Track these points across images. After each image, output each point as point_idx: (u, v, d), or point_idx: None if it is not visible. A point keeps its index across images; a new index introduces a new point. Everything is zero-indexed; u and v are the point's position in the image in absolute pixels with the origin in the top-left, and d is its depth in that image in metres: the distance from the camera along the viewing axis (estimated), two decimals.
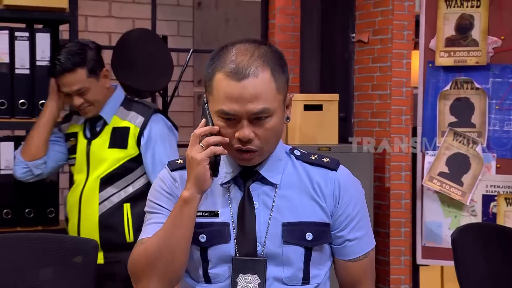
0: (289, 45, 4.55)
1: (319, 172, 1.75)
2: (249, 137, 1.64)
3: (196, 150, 1.66)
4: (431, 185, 3.36)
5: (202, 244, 1.72)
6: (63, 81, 2.72)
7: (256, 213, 1.71)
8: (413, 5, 4.20)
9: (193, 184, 1.67)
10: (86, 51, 2.73)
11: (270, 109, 1.64)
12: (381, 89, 4.27)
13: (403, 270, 4.17)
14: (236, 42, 1.69)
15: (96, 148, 2.79)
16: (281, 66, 1.68)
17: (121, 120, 2.79)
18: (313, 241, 1.72)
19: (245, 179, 1.73)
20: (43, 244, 2.41)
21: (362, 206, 1.79)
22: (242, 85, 1.61)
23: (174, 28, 5.52)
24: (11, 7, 3.09)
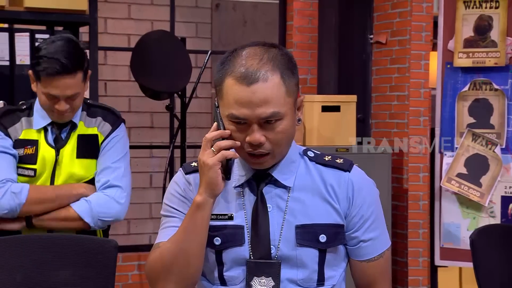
0: (307, 47, 4.55)
1: (332, 174, 1.76)
2: (259, 141, 1.64)
3: (208, 155, 1.68)
4: (449, 186, 3.35)
5: (217, 247, 1.73)
6: (55, 83, 2.35)
7: (269, 216, 1.72)
8: (431, 6, 4.19)
9: (205, 189, 1.68)
10: (83, 52, 2.43)
11: (280, 112, 1.64)
12: (399, 90, 4.26)
13: (421, 271, 4.16)
14: (246, 46, 1.70)
15: (64, 158, 2.46)
16: (291, 69, 1.68)
17: (87, 127, 2.50)
18: (327, 243, 1.72)
19: (258, 182, 1.74)
20: (63, 244, 2.41)
21: (376, 207, 1.78)
22: (251, 89, 1.62)
23: (192, 30, 5.54)
24: (32, 9, 3.12)
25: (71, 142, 2.46)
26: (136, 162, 5.35)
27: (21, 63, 3.07)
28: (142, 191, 5.35)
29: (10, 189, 2.37)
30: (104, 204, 2.44)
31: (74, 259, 2.42)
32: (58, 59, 2.32)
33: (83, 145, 2.47)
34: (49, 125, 2.45)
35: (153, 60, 3.92)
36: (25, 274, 2.37)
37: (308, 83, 4.57)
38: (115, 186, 2.46)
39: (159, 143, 5.25)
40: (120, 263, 4.46)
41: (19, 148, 2.44)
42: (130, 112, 5.34)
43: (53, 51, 2.34)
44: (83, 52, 2.42)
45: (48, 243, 2.41)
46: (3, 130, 2.43)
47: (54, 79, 2.34)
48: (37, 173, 2.45)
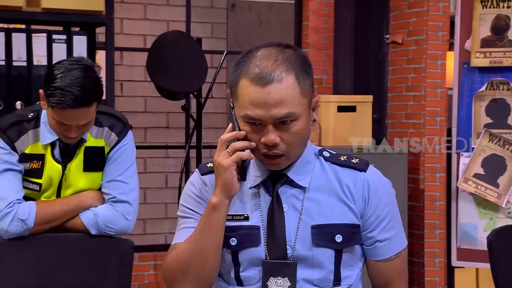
0: (323, 47, 4.55)
1: (348, 174, 1.76)
2: (274, 141, 1.65)
3: (223, 156, 1.68)
4: (466, 187, 3.34)
5: (233, 248, 1.74)
6: (68, 115, 2.28)
7: (285, 217, 1.72)
8: (448, 6, 4.18)
9: (221, 190, 1.69)
10: (98, 81, 2.34)
11: (295, 113, 1.65)
12: (416, 90, 4.25)
13: (438, 272, 4.15)
14: (261, 46, 1.70)
15: (71, 172, 2.42)
16: (306, 70, 1.68)
17: (94, 138, 2.45)
18: (343, 243, 1.72)
19: (274, 183, 1.74)
20: (79, 244, 2.43)
21: (392, 206, 1.78)
22: (266, 90, 1.63)
23: (208, 30, 5.55)
24: (49, 10, 3.14)
25: (79, 156, 2.42)
26: (151, 162, 5.37)
27: (38, 64, 3.08)
28: (157, 191, 5.36)
29: (17, 214, 2.34)
30: (111, 219, 2.43)
31: (91, 259, 2.43)
32: (73, 92, 2.24)
33: (90, 158, 2.43)
34: (57, 139, 2.40)
35: (169, 60, 3.93)
36: (41, 273, 2.39)
37: (323, 83, 4.57)
38: (123, 202, 2.44)
39: (174, 143, 5.26)
40: (136, 263, 4.48)
41: (25, 162, 2.39)
42: (146, 112, 5.36)
43: (69, 84, 2.25)
44: (98, 81, 2.33)
45: (64, 243, 2.42)
46: (9, 143, 2.38)
47: (67, 111, 2.27)
48: (42, 187, 2.42)
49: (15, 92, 3.08)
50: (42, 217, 2.36)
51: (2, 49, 3.05)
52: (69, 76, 2.26)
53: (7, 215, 2.33)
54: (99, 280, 2.45)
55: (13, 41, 3.07)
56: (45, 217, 2.37)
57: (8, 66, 3.07)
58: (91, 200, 2.43)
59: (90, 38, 3.21)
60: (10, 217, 2.33)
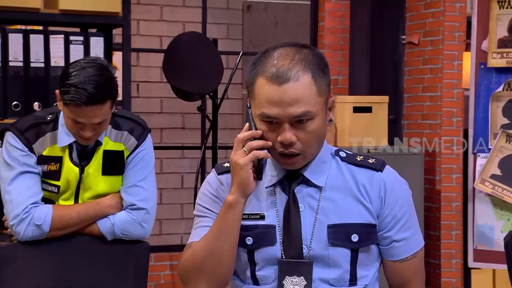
0: (339, 47, 4.54)
1: (364, 173, 1.76)
2: (290, 140, 1.65)
3: (240, 155, 1.69)
4: (483, 188, 3.32)
5: (248, 247, 1.74)
6: (82, 113, 2.30)
7: (301, 216, 1.72)
8: (464, 6, 4.16)
9: (237, 188, 1.70)
10: (113, 79, 2.35)
11: (311, 112, 1.65)
12: (432, 91, 4.23)
13: (454, 273, 4.13)
14: (278, 46, 1.71)
15: (89, 175, 2.44)
16: (322, 69, 1.69)
17: (113, 142, 2.46)
18: (359, 242, 1.72)
19: (290, 182, 1.74)
20: (95, 245, 2.44)
21: (409, 206, 1.78)
22: (283, 89, 1.63)
23: (223, 31, 5.56)
24: (66, 12, 3.16)
25: (96, 159, 2.43)
26: (167, 163, 5.39)
27: (55, 65, 3.10)
28: (173, 191, 5.38)
29: (33, 219, 2.35)
30: (128, 227, 2.44)
31: (107, 260, 2.45)
32: (86, 89, 2.27)
33: (109, 162, 2.44)
34: (74, 142, 2.41)
35: (185, 61, 3.94)
36: (58, 275, 2.41)
37: (339, 84, 4.56)
38: (141, 209, 2.45)
39: (190, 144, 5.28)
40: (152, 263, 4.49)
41: (42, 164, 2.41)
42: (162, 113, 5.38)
43: (83, 81, 2.27)
44: (113, 80, 2.35)
45: (81, 245, 2.44)
46: (27, 145, 2.39)
47: (81, 108, 2.29)
48: (60, 190, 2.43)
49: (33, 93, 3.10)
50: (57, 223, 2.38)
51: (20, 50, 3.08)
52: (83, 73, 2.29)
53: (23, 220, 2.35)
54: (115, 282, 2.46)
55: (31, 42, 3.09)
56: (60, 223, 2.39)
57: (26, 67, 3.09)
58: (110, 210, 2.44)
59: (107, 39, 3.23)
60: (27, 222, 2.35)
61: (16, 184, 2.38)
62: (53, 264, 2.40)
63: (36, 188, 2.40)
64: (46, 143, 2.41)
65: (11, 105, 3.07)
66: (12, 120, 2.76)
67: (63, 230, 2.40)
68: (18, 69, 3.08)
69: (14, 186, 2.38)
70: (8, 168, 2.39)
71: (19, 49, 3.07)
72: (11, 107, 3.07)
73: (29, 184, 2.39)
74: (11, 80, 3.07)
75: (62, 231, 2.40)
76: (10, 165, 2.39)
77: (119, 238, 2.45)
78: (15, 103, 3.08)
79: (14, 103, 3.08)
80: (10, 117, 3.05)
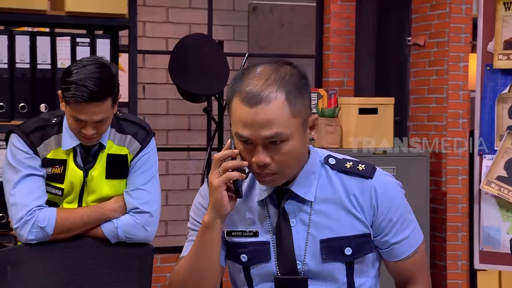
0: (344, 49, 4.55)
1: (355, 182, 1.74)
2: (264, 162, 1.64)
3: (215, 175, 1.69)
4: (488, 189, 3.32)
5: (244, 264, 1.74)
6: (83, 110, 2.31)
7: (293, 231, 1.72)
8: (470, 8, 4.16)
9: (212, 209, 1.70)
10: (114, 77, 2.37)
11: (284, 134, 1.62)
12: (438, 93, 4.23)
13: (460, 275, 4.13)
14: (259, 64, 1.69)
15: (93, 178, 2.45)
16: (300, 89, 1.65)
17: (117, 146, 2.47)
18: (353, 255, 1.72)
19: (279, 198, 1.73)
20: (100, 248, 2.46)
21: (404, 208, 1.77)
22: (254, 111, 1.62)
23: (229, 32, 5.57)
24: (73, 13, 3.17)
25: (100, 162, 2.44)
26: (173, 164, 5.39)
27: (62, 67, 3.11)
28: (179, 193, 5.39)
29: (37, 221, 2.37)
30: (131, 230, 2.46)
31: (111, 262, 2.46)
32: (87, 86, 2.28)
33: (113, 166, 2.45)
34: (77, 145, 2.42)
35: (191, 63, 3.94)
36: (63, 277, 2.42)
37: (345, 85, 4.57)
38: (145, 212, 2.46)
39: (196, 145, 5.28)
40: (158, 264, 4.50)
41: (47, 167, 2.42)
42: (168, 114, 5.39)
43: (83, 78, 2.29)
44: (113, 77, 2.36)
45: (86, 247, 2.45)
46: (32, 148, 2.40)
47: (82, 105, 2.30)
48: (64, 192, 2.44)
49: (40, 94, 3.11)
50: (61, 226, 2.39)
51: (27, 52, 3.09)
52: (84, 71, 2.31)
53: (27, 222, 2.37)
54: (120, 284, 2.47)
55: (37, 44, 3.10)
56: (64, 226, 2.40)
57: (33, 69, 3.10)
58: (113, 214, 2.46)
59: (113, 41, 3.24)
60: (30, 224, 2.37)
61: (20, 187, 2.39)
62: (59, 266, 2.41)
63: (40, 191, 2.41)
64: (51, 146, 2.42)
65: (18, 107, 3.09)
66: (19, 122, 2.77)
67: (67, 233, 2.41)
68: (25, 70, 3.10)
69: (19, 189, 2.39)
70: (13, 171, 2.40)
71: (26, 51, 3.09)
72: (18, 108, 3.09)
73: (33, 187, 2.40)
74: (18, 82, 3.09)
75: (65, 234, 2.41)
76: (14, 167, 2.40)
77: (122, 241, 2.46)
78: (22, 105, 3.09)
79: (21, 104, 3.09)
80: (17, 119, 3.06)
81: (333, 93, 4.05)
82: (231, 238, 1.75)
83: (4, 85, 3.07)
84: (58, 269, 2.41)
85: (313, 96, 4.03)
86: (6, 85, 3.07)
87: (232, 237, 1.75)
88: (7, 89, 3.07)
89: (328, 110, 3.92)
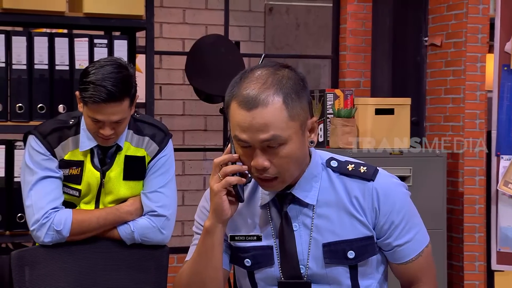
0: (361, 49, 4.54)
1: (356, 185, 1.73)
2: (262, 165, 1.63)
3: (215, 180, 1.69)
4: (506, 190, 3.31)
5: (248, 268, 1.75)
6: (101, 110, 2.32)
7: (296, 235, 1.72)
8: (487, 8, 4.14)
9: (213, 214, 1.70)
10: (131, 78, 2.38)
11: (282, 137, 1.62)
12: (454, 93, 4.22)
13: (478, 276, 4.11)
14: (257, 67, 1.68)
15: (110, 180, 2.46)
16: (297, 92, 1.65)
17: (135, 147, 2.48)
18: (356, 258, 1.71)
19: (281, 202, 1.73)
20: (116, 249, 2.47)
21: (407, 209, 1.75)
22: (251, 114, 1.61)
23: (246, 33, 5.58)
24: (90, 15, 3.19)
25: (118, 164, 2.45)
26: (189, 165, 5.41)
27: (80, 68, 3.13)
28: (195, 193, 5.40)
29: (53, 224, 2.39)
30: (147, 233, 2.47)
31: (127, 263, 2.47)
32: (105, 86, 2.29)
33: (130, 167, 2.46)
34: (95, 147, 2.43)
35: (207, 63, 3.96)
36: (79, 278, 2.43)
37: (361, 86, 4.56)
38: (161, 216, 2.48)
39: (212, 145, 5.30)
40: (175, 264, 4.52)
41: (64, 168, 2.43)
42: (184, 115, 5.41)
43: (101, 78, 2.30)
44: (131, 78, 2.37)
45: (102, 248, 2.46)
46: (49, 149, 2.42)
47: (100, 106, 2.31)
48: (81, 194, 2.45)
49: (58, 95, 3.14)
50: (77, 228, 2.41)
51: (45, 53, 3.11)
52: (102, 71, 2.32)
53: (43, 225, 2.39)
54: (135, 284, 2.48)
55: (56, 45, 3.12)
56: (80, 229, 2.42)
57: (51, 70, 3.13)
58: (129, 216, 2.47)
59: (131, 42, 3.25)
60: (47, 227, 2.39)
61: (37, 189, 2.41)
62: (75, 267, 2.43)
63: (57, 193, 2.43)
64: (68, 147, 2.44)
65: (37, 107, 3.11)
66: (37, 122, 2.80)
67: (83, 235, 2.44)
68: (43, 71, 3.12)
69: (35, 191, 2.41)
70: (30, 173, 2.42)
71: (44, 52, 3.11)
72: (36, 109, 3.11)
73: (49, 188, 2.42)
74: (36, 83, 3.11)
75: (81, 236, 2.44)
76: (31, 169, 2.42)
77: (138, 243, 2.48)
78: (40, 105, 3.11)
79: (40, 105, 3.11)
80: (35, 119, 3.08)
81: (350, 93, 4.04)
82: (234, 243, 1.75)
83: (23, 86, 3.09)
84: (75, 270, 2.43)
85: (329, 96, 4.03)
86: (24, 86, 3.09)
87: (235, 241, 1.75)
88: (26, 90, 3.10)
89: (344, 110, 3.92)
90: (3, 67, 3.07)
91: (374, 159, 3.74)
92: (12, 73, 3.09)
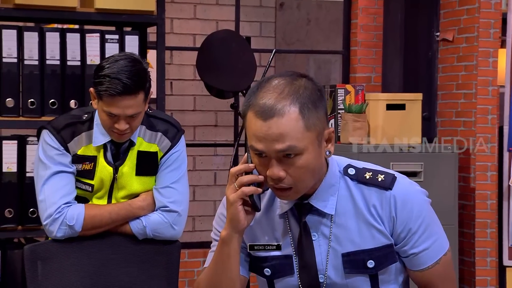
0: (372, 45, 4.53)
1: (375, 194, 1.71)
2: (278, 175, 1.62)
3: (231, 191, 1.68)
4: None
5: (268, 277, 1.75)
6: (117, 103, 2.34)
7: (314, 245, 1.72)
8: (500, 2, 4.12)
9: (229, 224, 1.70)
10: (146, 72, 2.39)
11: (298, 147, 1.61)
12: (466, 88, 4.20)
13: (489, 272, 4.10)
14: (275, 76, 1.68)
15: (123, 175, 2.47)
16: (314, 102, 1.64)
17: (147, 143, 2.49)
18: (376, 267, 1.71)
19: (300, 212, 1.72)
20: (128, 244, 2.49)
21: (425, 217, 1.73)
22: (267, 124, 1.61)
23: (256, 29, 5.58)
24: (102, 10, 3.21)
25: (130, 159, 2.46)
26: (200, 160, 5.42)
27: (91, 63, 3.15)
28: (206, 188, 5.42)
29: (65, 219, 2.41)
30: (159, 228, 2.49)
31: (139, 258, 2.48)
32: (120, 79, 2.31)
33: (143, 163, 2.47)
34: (108, 142, 2.45)
35: (218, 59, 3.96)
36: (91, 272, 2.45)
37: (372, 81, 4.55)
38: (173, 212, 2.49)
39: (223, 141, 5.31)
40: (186, 259, 4.53)
41: (77, 163, 2.45)
42: (195, 110, 5.42)
43: (116, 71, 2.32)
44: (146, 72, 2.38)
45: (114, 243, 2.48)
46: (63, 144, 2.43)
47: (115, 99, 2.32)
48: (94, 188, 2.47)
49: (69, 91, 3.15)
50: (89, 223, 2.43)
51: (57, 49, 3.12)
52: (117, 65, 2.34)
53: (56, 220, 2.41)
54: (147, 279, 2.50)
55: (67, 41, 3.14)
56: (92, 224, 2.44)
57: (63, 66, 3.14)
58: (141, 211, 2.48)
59: (142, 38, 3.26)
60: (59, 221, 2.41)
61: (50, 183, 2.43)
62: (87, 262, 2.44)
63: (69, 188, 2.44)
64: (81, 143, 2.45)
65: (48, 103, 3.12)
66: (49, 118, 2.81)
67: (95, 229, 2.45)
68: (55, 67, 3.13)
69: (48, 185, 2.43)
70: (43, 167, 2.44)
71: (56, 48, 3.12)
72: (48, 104, 3.12)
73: (62, 183, 2.43)
74: (48, 78, 3.13)
75: (93, 231, 2.45)
76: (45, 164, 2.44)
77: (150, 238, 2.49)
78: (52, 101, 3.13)
79: (51, 100, 3.13)
80: (47, 115, 3.10)
81: (361, 89, 4.04)
82: (254, 252, 1.76)
83: (35, 82, 3.11)
84: (87, 265, 2.44)
85: (340, 92, 4.02)
86: (36, 81, 3.11)
87: (255, 251, 1.75)
88: (38, 86, 3.11)
89: (355, 106, 3.91)
90: (15, 62, 3.09)
91: (385, 155, 3.73)
92: (24, 69, 3.10)
